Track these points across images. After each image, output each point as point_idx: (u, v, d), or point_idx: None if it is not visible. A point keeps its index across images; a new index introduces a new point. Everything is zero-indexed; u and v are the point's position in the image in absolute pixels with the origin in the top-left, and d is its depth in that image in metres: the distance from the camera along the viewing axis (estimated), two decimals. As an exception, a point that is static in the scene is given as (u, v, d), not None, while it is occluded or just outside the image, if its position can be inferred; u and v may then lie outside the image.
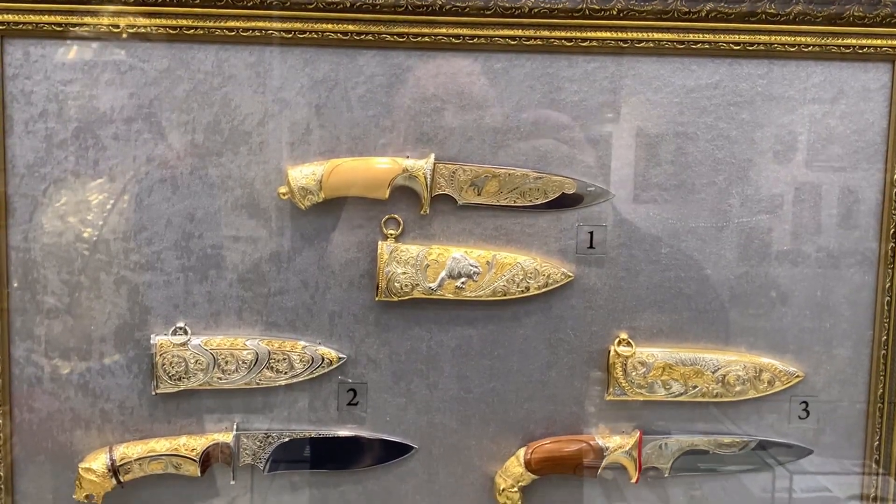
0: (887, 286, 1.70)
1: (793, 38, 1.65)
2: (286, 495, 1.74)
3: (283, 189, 1.66)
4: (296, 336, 1.71)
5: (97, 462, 1.66)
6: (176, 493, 1.73)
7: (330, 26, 1.63)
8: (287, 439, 1.71)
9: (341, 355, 1.71)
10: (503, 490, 1.70)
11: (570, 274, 1.70)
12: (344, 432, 1.73)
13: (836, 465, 1.74)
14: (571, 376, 1.73)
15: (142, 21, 1.61)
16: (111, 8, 1.61)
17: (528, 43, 1.64)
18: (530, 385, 1.73)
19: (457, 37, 1.63)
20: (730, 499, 1.77)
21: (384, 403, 1.73)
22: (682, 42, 1.64)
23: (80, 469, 1.66)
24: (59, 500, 1.72)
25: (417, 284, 1.68)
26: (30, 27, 1.61)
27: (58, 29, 1.61)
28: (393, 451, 1.73)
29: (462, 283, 1.68)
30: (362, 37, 1.63)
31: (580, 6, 1.61)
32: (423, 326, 1.72)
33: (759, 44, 1.64)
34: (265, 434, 1.71)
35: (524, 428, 1.74)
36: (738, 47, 1.64)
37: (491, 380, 1.73)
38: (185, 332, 1.69)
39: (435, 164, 1.65)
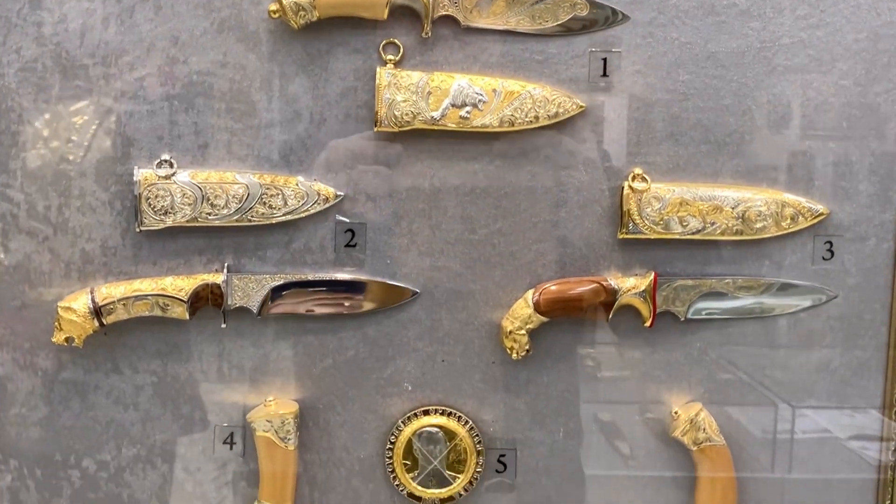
0: (918, 118, 1.61)
1: None
2: (281, 341, 1.64)
3: (273, 6, 1.54)
4: (289, 172, 1.61)
5: (78, 302, 1.56)
6: (162, 339, 1.63)
7: None
8: (281, 281, 1.61)
9: (338, 192, 1.61)
10: (510, 332, 1.61)
11: (582, 104, 1.59)
12: (342, 275, 1.63)
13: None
14: (582, 215, 1.63)
15: None
16: None
17: None
18: (539, 225, 1.63)
19: None
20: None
21: (384, 245, 1.63)
22: None
23: (59, 309, 1.56)
24: (37, 348, 1.63)
25: (419, 113, 1.57)
26: None
27: None
28: (394, 296, 1.65)
29: (467, 112, 1.58)
30: None
31: None
32: (426, 162, 1.61)
33: None
34: (258, 275, 1.61)
35: (532, 271, 1.64)
36: None
37: (497, 220, 1.63)
38: (171, 166, 1.57)
39: (437, -21, 1.54)
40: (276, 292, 1.61)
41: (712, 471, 1.64)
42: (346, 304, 1.63)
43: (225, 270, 1.59)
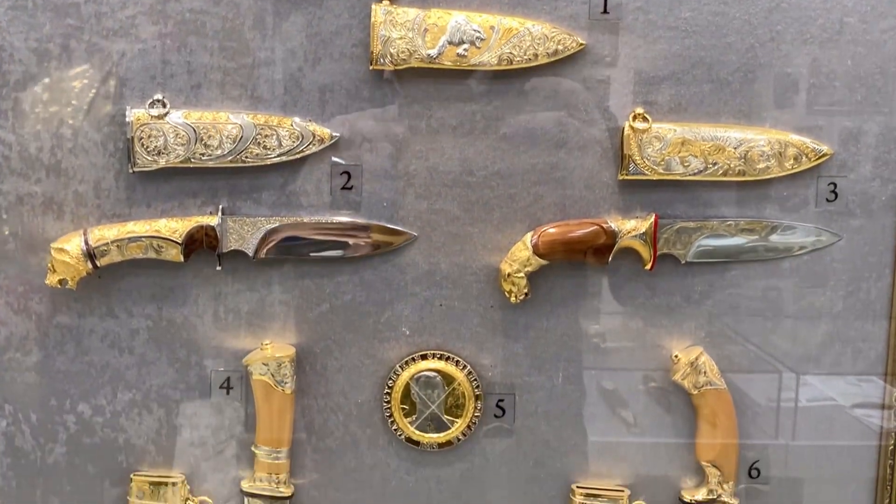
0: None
1: None
2: (277, 285, 1.62)
3: (267, -59, 1.52)
4: (284, 113, 1.58)
5: (71, 244, 1.54)
6: (157, 282, 1.61)
7: None
8: (277, 224, 1.59)
9: (334, 134, 1.58)
10: (508, 275, 1.59)
11: (582, 42, 1.56)
12: (338, 218, 1.61)
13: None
14: (582, 157, 1.60)
15: None
16: None
17: None
18: (538, 167, 1.60)
19: None
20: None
21: (380, 187, 1.61)
22: None
23: (52, 250, 1.54)
24: (31, 292, 1.61)
25: (415, 51, 1.54)
26: None
27: None
28: (391, 239, 1.62)
29: (464, 49, 1.54)
30: None
31: None
32: (422, 102, 1.58)
33: None
34: (253, 218, 1.59)
35: (531, 215, 1.61)
36: None
37: (496, 162, 1.60)
38: (164, 106, 1.55)
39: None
40: (272, 235, 1.58)
41: (713, 415, 1.62)
42: (343, 247, 1.61)
43: (219, 213, 1.57)
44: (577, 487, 1.66)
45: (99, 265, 1.55)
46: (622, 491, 1.66)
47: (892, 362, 1.67)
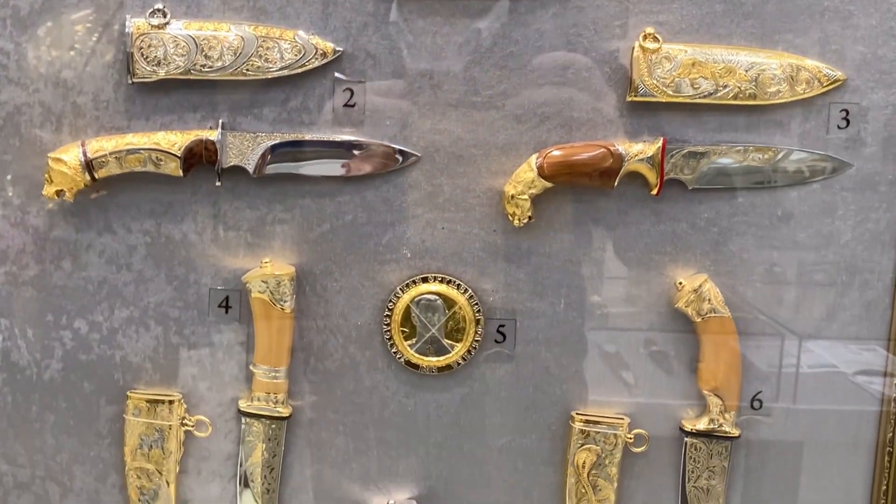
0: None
1: None
2: (277, 204, 1.60)
3: None
4: (287, 26, 1.55)
5: (69, 154, 1.51)
6: (156, 198, 1.59)
7: None
8: (278, 140, 1.56)
9: (337, 48, 1.55)
10: (512, 197, 1.56)
11: (592, -41, 1.53)
12: (340, 136, 1.58)
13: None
14: (590, 77, 1.57)
15: None
16: None
17: None
18: (544, 87, 1.57)
19: None
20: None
21: (384, 105, 1.58)
22: None
23: (49, 160, 1.51)
24: (28, 205, 1.58)
25: (421, -36, 1.51)
26: None
27: None
28: (393, 159, 1.60)
29: (471, -36, 1.52)
30: None
31: None
32: (428, 19, 1.55)
33: None
34: (254, 133, 1.56)
35: (536, 136, 1.58)
36: None
37: (501, 81, 1.57)
38: (164, 15, 1.51)
39: None
40: (273, 152, 1.56)
41: (716, 343, 1.60)
42: (344, 166, 1.59)
43: (219, 127, 1.54)
44: (577, 415, 1.65)
45: (97, 177, 1.52)
46: (622, 419, 1.65)
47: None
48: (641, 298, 1.64)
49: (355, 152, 1.58)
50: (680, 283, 1.61)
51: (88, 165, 1.51)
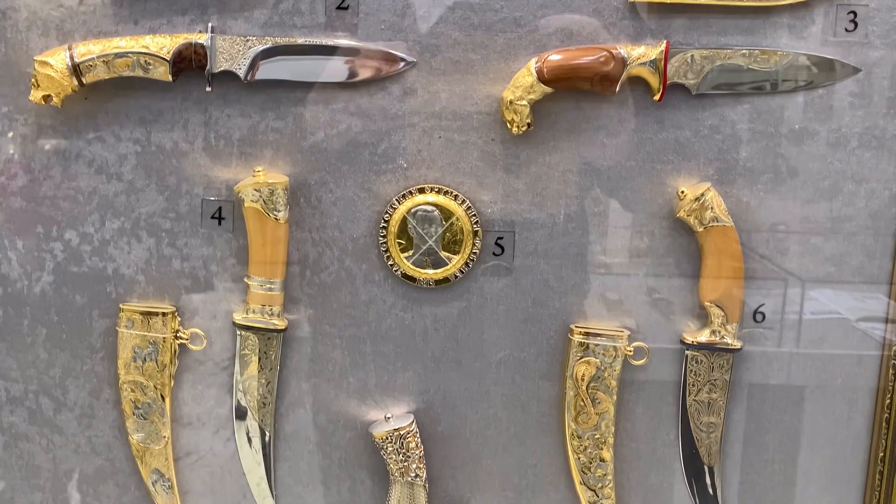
0: None
1: None
2: (269, 111, 1.55)
3: None
4: (278, -75, 1.51)
5: (56, 58, 1.47)
6: (145, 105, 1.55)
7: None
8: (269, 45, 1.52)
9: (330, -52, 1.51)
10: (511, 103, 1.52)
11: None
12: (333, 40, 1.54)
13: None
14: (591, -21, 1.53)
15: None
16: None
17: None
18: (544, -10, 1.54)
19: None
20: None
21: (378, 8, 1.53)
22: None
23: (36, 64, 1.47)
24: (15, 113, 1.55)
25: None
26: None
27: None
28: (389, 64, 1.55)
29: None
30: None
31: None
32: (424, -83, 1.51)
33: None
34: (244, 37, 1.52)
35: (536, 41, 1.53)
36: None
37: (500, -17, 1.54)
38: (151, -87, 1.48)
39: None
40: (264, 56, 1.52)
41: (718, 253, 1.57)
42: (338, 72, 1.54)
43: (209, 30, 1.50)
44: (576, 327, 1.63)
45: (85, 82, 1.48)
46: (622, 332, 1.63)
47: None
48: (643, 209, 1.60)
49: (349, 57, 1.54)
50: (682, 192, 1.58)
51: (76, 69, 1.47)
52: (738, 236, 1.58)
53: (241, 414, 1.64)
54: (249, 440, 1.65)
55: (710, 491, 1.68)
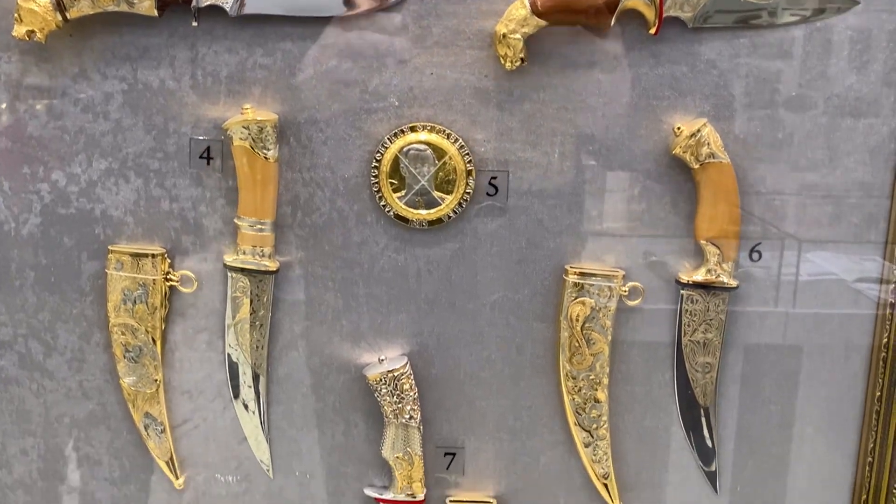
0: None
1: None
2: (258, 48, 1.52)
3: None
4: None
5: (38, -8, 1.45)
6: (131, 41, 1.52)
7: None
8: (257, -22, 1.50)
9: None
10: (504, 36, 1.49)
11: None
12: (322, -26, 1.51)
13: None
14: None
15: None
16: None
17: None
18: (537, -79, 1.50)
19: None
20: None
21: (368, -59, 1.51)
22: None
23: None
24: (0, 50, 1.51)
25: None
26: None
27: None
28: (379, -1, 1.53)
29: None
30: None
31: None
32: None
33: None
34: (231, -30, 1.49)
35: (529, -26, 1.52)
36: None
37: (492, -87, 1.50)
38: None
39: None
40: (253, -10, 1.49)
41: (714, 190, 1.55)
42: (326, 6, 1.51)
43: (195, -37, 1.48)
44: (570, 268, 1.61)
45: (69, 17, 1.45)
46: (617, 272, 1.61)
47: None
48: (638, 146, 1.58)
49: (339, -9, 1.51)
50: (678, 129, 1.55)
51: (59, 4, 1.44)
52: (734, 173, 1.56)
53: (233, 357, 1.63)
54: (242, 383, 1.64)
55: (706, 432, 1.67)
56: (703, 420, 1.68)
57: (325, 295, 1.64)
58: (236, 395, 1.65)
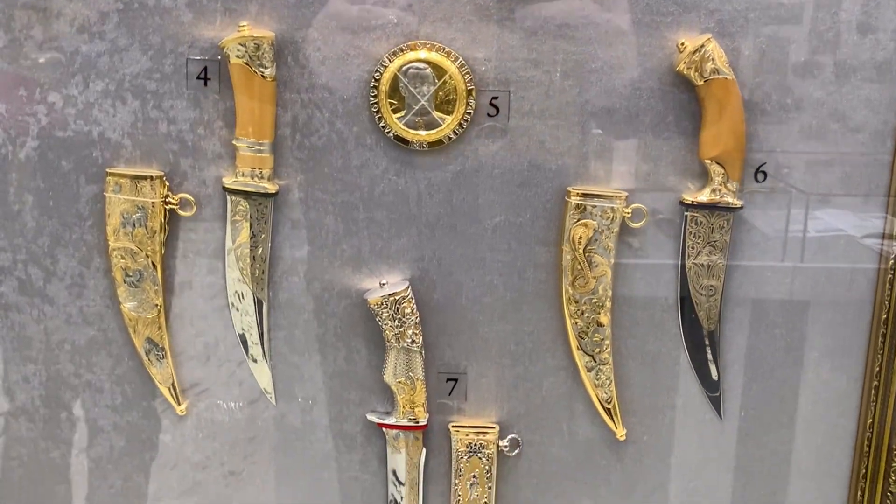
0: None
1: None
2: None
3: None
4: None
5: None
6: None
7: None
8: None
9: None
10: (504, -51, 1.47)
11: None
12: None
13: None
14: None
15: None
16: None
17: None
18: None
19: None
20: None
21: None
22: None
23: (9, -88, 1.43)
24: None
25: None
26: None
27: None
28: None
29: None
30: None
31: None
32: None
33: None
34: None
35: None
36: None
37: None
38: None
39: None
40: None
41: (719, 107, 1.52)
42: (325, -79, 1.49)
43: None
44: (573, 190, 1.59)
45: (60, -68, 1.44)
46: (620, 193, 1.59)
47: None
48: (642, 64, 1.55)
49: None
50: (682, 45, 1.52)
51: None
52: (739, 90, 1.53)
53: (233, 282, 1.62)
54: (243, 309, 1.63)
55: (709, 356, 1.66)
56: (708, 344, 1.66)
57: (325, 219, 1.62)
58: (237, 320, 1.64)
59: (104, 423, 1.70)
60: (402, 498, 1.71)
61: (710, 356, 1.66)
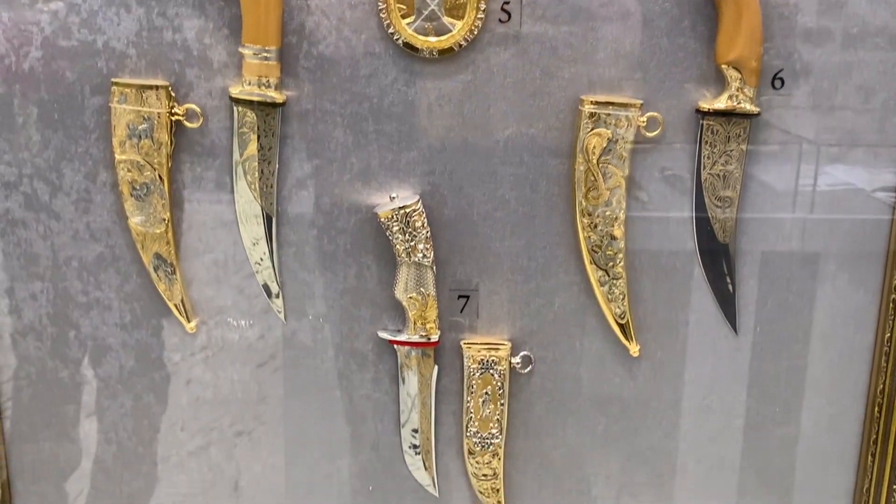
0: None
1: None
2: None
3: None
4: None
5: None
6: None
7: None
8: None
9: None
10: None
11: None
12: None
13: None
14: None
15: None
16: None
17: None
18: None
19: None
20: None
21: None
22: None
23: None
24: None
25: None
26: None
27: None
28: None
29: None
30: None
31: None
32: None
33: None
34: None
35: None
36: None
37: None
38: None
39: None
40: None
41: (736, 7, 1.49)
42: None
43: None
44: (586, 98, 1.56)
45: None
46: (635, 102, 1.55)
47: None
48: (654, -29, 1.52)
49: None
50: (698, -56, 1.49)
51: None
52: (756, -6, 1.50)
53: (242, 196, 1.60)
54: (252, 222, 1.61)
55: (724, 269, 1.64)
56: (723, 258, 1.64)
57: (333, 131, 1.59)
58: (246, 235, 1.62)
59: (113, 341, 1.68)
60: (414, 416, 1.69)
61: (725, 269, 1.64)
